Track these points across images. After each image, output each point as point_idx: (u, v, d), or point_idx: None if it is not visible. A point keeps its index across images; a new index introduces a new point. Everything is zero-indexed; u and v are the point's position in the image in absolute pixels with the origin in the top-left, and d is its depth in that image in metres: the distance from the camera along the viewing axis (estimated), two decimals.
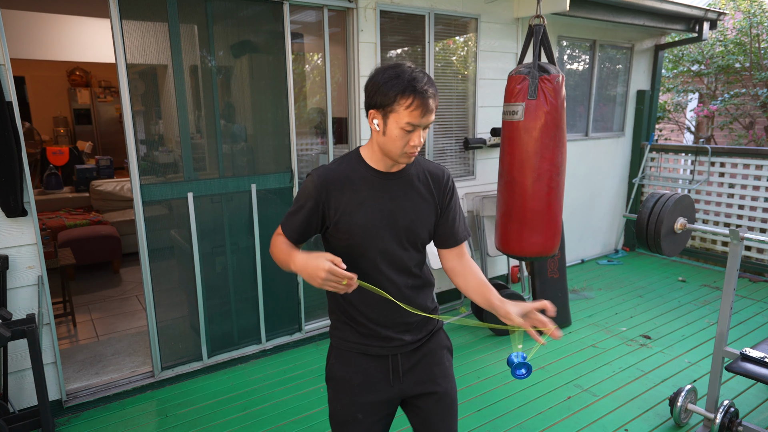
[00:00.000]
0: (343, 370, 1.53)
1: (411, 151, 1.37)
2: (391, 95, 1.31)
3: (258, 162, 3.36)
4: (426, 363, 1.56)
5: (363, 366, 1.52)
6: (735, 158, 5.01)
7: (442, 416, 1.57)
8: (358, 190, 1.43)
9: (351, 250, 1.45)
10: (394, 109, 1.32)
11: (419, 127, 1.34)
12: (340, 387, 1.54)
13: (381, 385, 1.52)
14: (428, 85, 1.32)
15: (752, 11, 6.90)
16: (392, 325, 1.50)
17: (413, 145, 1.36)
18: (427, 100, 1.31)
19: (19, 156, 2.49)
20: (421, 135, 1.36)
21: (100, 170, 6.83)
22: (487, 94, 4.25)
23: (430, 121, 1.36)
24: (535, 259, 3.29)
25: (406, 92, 1.30)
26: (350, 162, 1.47)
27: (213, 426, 2.73)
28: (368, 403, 1.51)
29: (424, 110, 1.32)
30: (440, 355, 1.59)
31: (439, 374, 1.57)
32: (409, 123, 1.32)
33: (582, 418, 2.78)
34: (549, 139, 3.00)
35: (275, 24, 3.20)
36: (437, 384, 1.56)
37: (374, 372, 1.52)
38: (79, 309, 4.17)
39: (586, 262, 5.49)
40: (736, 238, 2.34)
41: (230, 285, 3.32)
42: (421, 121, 1.33)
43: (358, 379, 1.52)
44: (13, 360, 2.63)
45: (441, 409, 1.57)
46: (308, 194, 1.43)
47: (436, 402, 1.56)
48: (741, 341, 3.62)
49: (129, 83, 2.76)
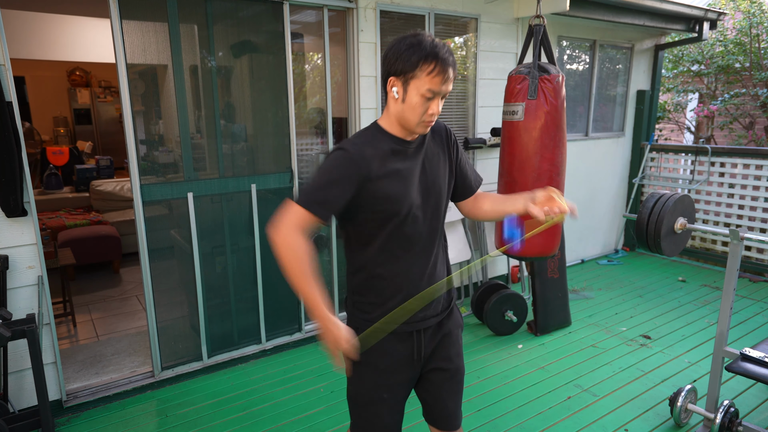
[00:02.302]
0: (367, 353, 1.50)
1: (428, 119, 1.39)
2: (413, 60, 1.32)
3: (258, 162, 3.36)
4: (445, 343, 1.61)
5: (388, 348, 1.51)
6: (735, 158, 5.01)
7: (451, 392, 1.64)
8: (390, 160, 1.44)
9: (383, 223, 1.44)
10: (415, 75, 1.33)
11: (438, 95, 1.35)
12: (364, 370, 1.53)
13: (406, 365, 1.55)
14: (449, 54, 1.34)
15: (752, 11, 6.90)
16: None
17: (431, 113, 1.37)
18: (447, 68, 1.33)
19: (19, 156, 2.49)
20: (439, 103, 1.38)
21: (100, 170, 6.83)
22: (487, 94, 4.25)
23: (449, 89, 1.38)
24: (535, 259, 3.29)
25: (429, 58, 1.31)
26: (375, 134, 1.46)
27: (213, 426, 2.73)
28: (394, 383, 1.55)
29: (445, 77, 1.33)
30: (456, 334, 1.64)
31: (454, 353, 1.63)
32: (430, 90, 1.33)
33: (582, 418, 2.78)
34: (549, 139, 3.00)
35: (275, 24, 3.20)
36: (451, 362, 1.62)
37: (399, 353, 1.53)
38: (79, 309, 4.17)
39: (586, 262, 5.49)
40: (736, 238, 2.34)
41: (230, 285, 3.32)
42: (441, 89, 1.34)
43: (383, 363, 1.52)
44: (13, 360, 2.63)
45: (452, 386, 1.64)
46: (343, 167, 1.37)
47: (449, 379, 1.62)
48: (741, 341, 3.62)
49: (129, 83, 2.76)
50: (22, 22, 5.60)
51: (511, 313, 3.73)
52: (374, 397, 1.54)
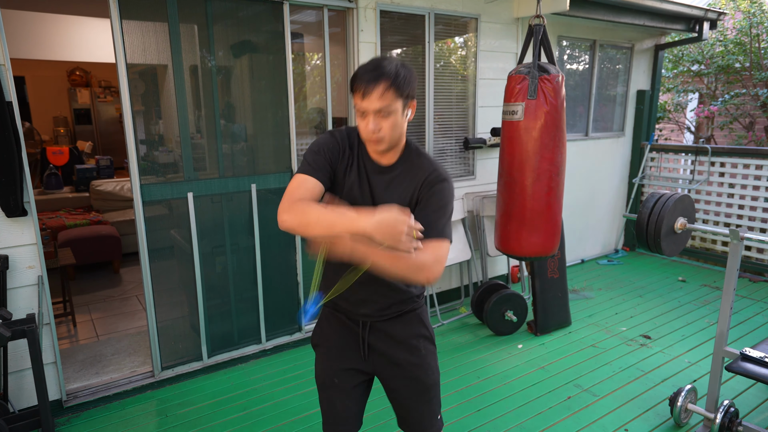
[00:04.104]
0: (322, 335, 1.68)
1: (367, 137, 1.42)
2: (351, 83, 1.42)
3: (258, 162, 3.36)
4: (398, 349, 1.61)
5: (337, 332, 1.63)
6: (735, 158, 5.01)
7: (414, 400, 1.64)
8: (353, 169, 1.50)
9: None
10: (353, 96, 1.42)
11: (368, 111, 1.38)
12: (319, 353, 1.68)
13: (351, 354, 1.62)
14: (373, 71, 1.36)
15: (752, 11, 6.90)
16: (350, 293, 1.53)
17: (367, 131, 1.40)
18: (365, 85, 1.36)
19: (19, 156, 2.49)
20: (371, 121, 1.38)
21: (100, 170, 6.83)
22: (487, 94, 4.25)
23: (374, 106, 1.37)
24: (535, 259, 3.29)
25: (355, 78, 1.40)
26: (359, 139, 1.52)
27: (213, 426, 2.73)
28: (343, 369, 1.62)
29: (364, 93, 1.36)
30: (414, 344, 1.62)
31: (411, 361, 1.61)
32: (357, 107, 1.41)
33: (582, 418, 2.78)
34: (549, 139, 3.00)
35: (275, 24, 3.20)
36: (407, 370, 1.62)
37: (346, 339, 1.63)
38: (79, 309, 4.17)
39: (586, 262, 5.49)
40: (736, 238, 2.34)
41: (230, 285, 3.32)
42: (363, 105, 1.37)
43: (333, 345, 1.64)
44: (13, 360, 2.63)
45: (412, 393, 1.64)
46: (328, 142, 1.48)
47: (406, 386, 1.63)
48: (741, 341, 3.62)
49: (129, 83, 2.76)
50: (22, 22, 5.60)
51: (511, 313, 3.73)
52: (326, 381, 1.65)
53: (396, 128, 1.42)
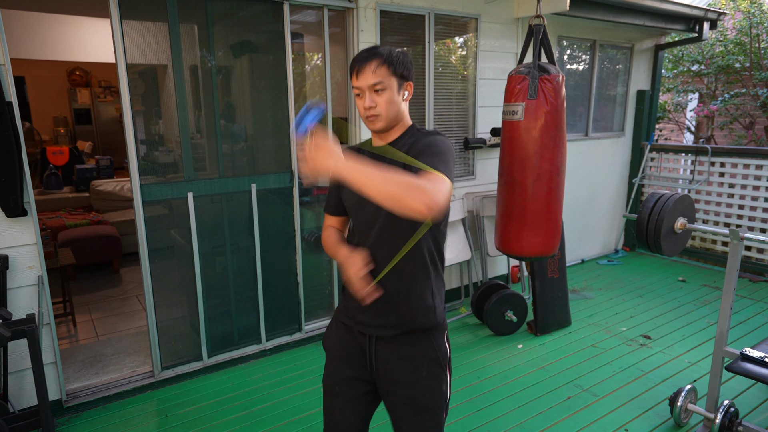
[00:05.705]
0: (330, 341, 1.67)
1: (365, 114, 1.48)
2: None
3: (258, 162, 3.36)
4: (401, 367, 1.54)
5: (344, 340, 1.62)
6: (735, 158, 5.01)
7: (406, 420, 1.57)
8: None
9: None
10: (351, 79, 1.48)
11: (363, 89, 1.45)
12: (328, 357, 1.68)
13: (356, 363, 1.59)
14: (367, 51, 1.45)
15: (752, 11, 6.90)
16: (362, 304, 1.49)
17: (364, 108, 1.46)
18: (362, 63, 1.44)
19: (19, 156, 2.49)
20: (366, 97, 1.45)
21: (100, 170, 6.83)
22: (487, 94, 4.25)
23: (368, 82, 1.43)
24: (535, 259, 3.29)
25: (351, 62, 1.48)
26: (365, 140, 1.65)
27: (213, 426, 2.73)
28: (344, 378, 1.60)
29: (358, 71, 1.44)
30: (417, 363, 1.54)
31: (409, 380, 1.54)
32: (354, 86, 1.47)
33: (582, 418, 2.78)
34: (549, 139, 3.00)
35: (275, 24, 3.20)
36: (403, 388, 1.55)
37: (352, 348, 1.60)
38: (79, 309, 4.17)
39: (586, 262, 5.49)
40: (736, 238, 2.34)
41: (230, 285, 3.32)
42: (358, 83, 1.45)
43: (339, 352, 1.63)
44: (13, 360, 2.64)
45: (404, 413, 1.57)
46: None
47: (404, 405, 1.57)
48: (741, 341, 3.62)
49: (129, 83, 2.76)
50: (22, 22, 5.60)
51: (511, 313, 3.73)
52: (328, 387, 1.63)
53: (392, 105, 1.46)
